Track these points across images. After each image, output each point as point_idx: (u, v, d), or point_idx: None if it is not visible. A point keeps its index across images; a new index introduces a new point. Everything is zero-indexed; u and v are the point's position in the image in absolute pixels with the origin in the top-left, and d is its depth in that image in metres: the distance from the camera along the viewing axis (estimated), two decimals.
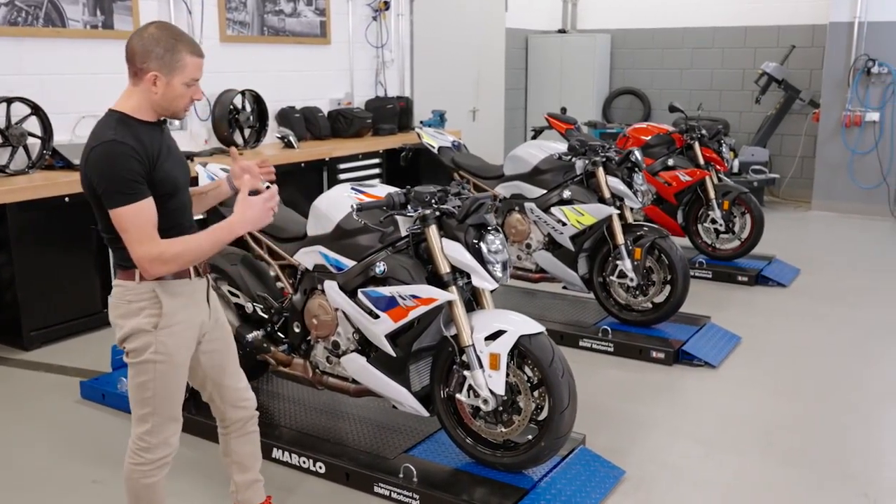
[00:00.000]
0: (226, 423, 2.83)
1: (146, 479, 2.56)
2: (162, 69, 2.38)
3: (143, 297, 2.45)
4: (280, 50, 7.24)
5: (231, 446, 2.86)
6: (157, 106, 2.44)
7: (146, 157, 2.37)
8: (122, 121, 2.39)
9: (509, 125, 10.60)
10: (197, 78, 2.46)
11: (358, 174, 7.27)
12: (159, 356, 2.46)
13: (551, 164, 5.09)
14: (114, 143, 2.31)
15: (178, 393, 2.56)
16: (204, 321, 2.61)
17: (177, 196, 2.51)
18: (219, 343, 2.70)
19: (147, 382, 2.48)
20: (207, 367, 2.69)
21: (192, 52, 2.43)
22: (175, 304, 2.48)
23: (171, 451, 2.59)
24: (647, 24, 10.61)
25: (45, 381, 4.47)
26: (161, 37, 2.39)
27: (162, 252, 2.35)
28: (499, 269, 3.20)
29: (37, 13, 5.38)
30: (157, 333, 2.45)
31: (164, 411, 2.53)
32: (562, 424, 3.09)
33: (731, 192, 6.48)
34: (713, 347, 4.79)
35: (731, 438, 3.78)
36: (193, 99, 2.50)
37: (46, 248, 4.96)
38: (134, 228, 2.32)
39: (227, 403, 2.78)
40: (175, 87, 2.42)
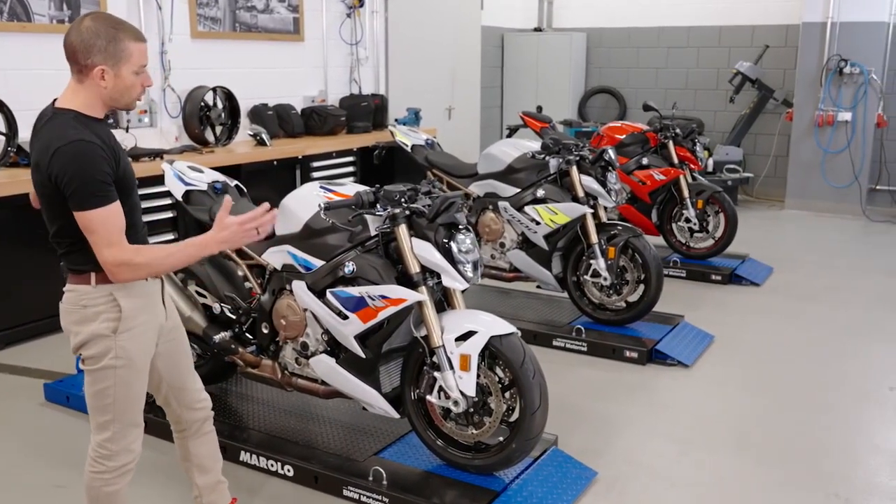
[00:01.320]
0: (181, 426, 2.76)
1: (108, 488, 2.49)
2: (108, 61, 2.30)
3: (99, 302, 2.36)
4: (252, 46, 7.15)
5: (189, 449, 2.79)
6: (108, 100, 2.36)
7: (112, 156, 2.31)
8: (78, 119, 2.31)
9: (485, 123, 10.56)
10: (144, 64, 2.38)
11: (332, 172, 7.21)
12: (119, 361, 2.38)
13: (525, 162, 5.06)
14: (84, 142, 2.24)
15: (139, 398, 2.49)
16: (161, 323, 2.55)
17: (133, 194, 2.46)
18: (174, 344, 2.64)
19: (107, 389, 2.40)
20: (163, 369, 2.62)
21: (135, 39, 2.34)
22: (134, 307, 2.40)
23: (134, 458, 2.52)
24: (623, 24, 10.62)
25: (8, 382, 4.37)
26: (100, 28, 2.30)
27: (131, 258, 2.28)
28: (469, 268, 3.16)
29: (1, 7, 5.26)
30: (116, 338, 2.37)
31: (125, 417, 2.45)
32: (533, 426, 3.05)
33: (705, 191, 6.49)
34: (686, 346, 4.78)
35: (705, 437, 3.77)
36: (144, 86, 2.42)
37: (11, 247, 4.85)
38: (104, 231, 2.26)
39: (182, 405, 2.72)
40: (124, 77, 2.34)
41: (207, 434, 2.81)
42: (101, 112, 2.39)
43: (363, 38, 8.36)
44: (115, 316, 2.37)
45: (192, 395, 2.72)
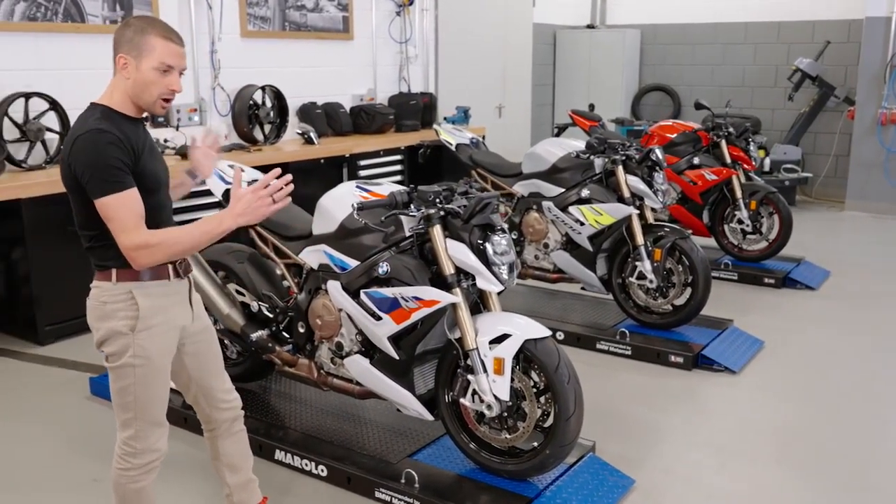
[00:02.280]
0: (211, 425, 2.77)
1: (134, 485, 2.51)
2: (131, 52, 2.32)
3: (118, 299, 2.38)
4: (302, 45, 7.20)
5: (219, 448, 2.80)
6: (132, 94, 2.36)
7: (129, 147, 2.31)
8: (105, 113, 2.34)
9: (536, 122, 10.47)
10: (169, 64, 2.35)
11: (379, 171, 7.22)
12: (138, 360, 2.39)
13: (570, 162, 4.98)
14: (98, 131, 2.26)
15: (159, 397, 2.49)
16: (186, 324, 2.54)
17: (157, 194, 2.45)
18: (202, 345, 2.63)
19: (128, 387, 2.42)
20: (192, 369, 2.63)
21: (162, 36, 2.34)
22: (152, 306, 2.40)
23: (159, 456, 2.53)
24: (678, 19, 10.42)
25: (56, 376, 4.47)
26: (135, 23, 2.35)
27: (147, 241, 2.28)
28: (505, 270, 3.10)
29: (56, 8, 5.38)
30: (134, 336, 2.37)
31: (146, 416, 2.46)
32: (567, 432, 2.99)
33: (758, 192, 6.31)
34: (734, 352, 4.65)
35: (748, 447, 3.65)
36: (171, 90, 2.38)
37: (61, 243, 4.95)
38: (120, 217, 2.27)
39: (211, 405, 2.72)
40: (144, 71, 2.33)
41: (237, 433, 2.81)
42: (134, 110, 2.40)
43: (413, 37, 8.35)
44: (132, 314, 2.37)
45: (220, 396, 2.72)
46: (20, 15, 5.20)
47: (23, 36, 5.24)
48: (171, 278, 2.46)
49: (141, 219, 2.30)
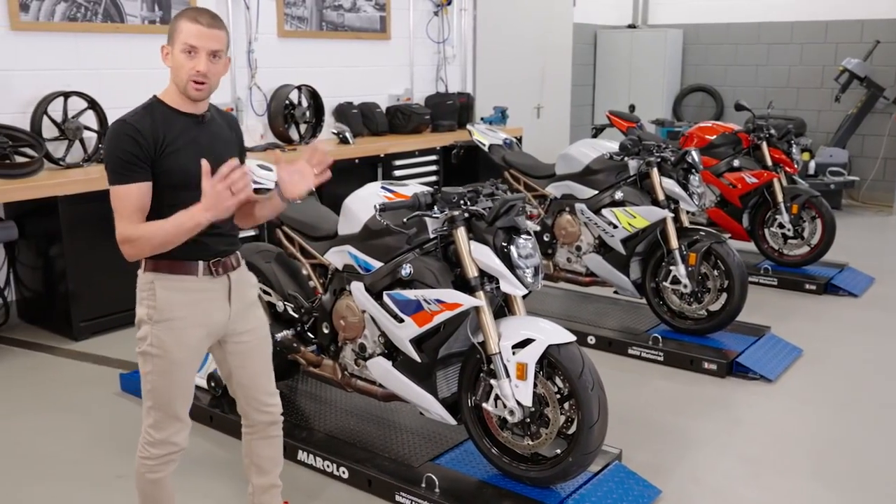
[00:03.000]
0: (249, 423, 2.78)
1: (151, 474, 2.54)
2: (168, 40, 2.39)
3: (144, 287, 2.45)
4: (339, 45, 7.21)
5: (252, 447, 2.81)
6: (175, 82, 2.39)
7: (152, 139, 2.32)
8: (149, 104, 2.41)
9: (575, 122, 10.36)
10: (192, 44, 2.33)
11: (414, 171, 7.20)
12: (154, 349, 2.43)
13: (603, 163, 4.90)
14: (121, 122, 2.34)
15: (178, 392, 2.49)
16: (221, 322, 2.53)
17: (192, 190, 2.34)
18: (246, 347, 2.63)
19: (147, 374, 2.47)
20: (233, 366, 2.65)
21: (190, 19, 2.35)
22: (171, 300, 2.42)
23: (176, 451, 2.54)
24: (722, 19, 10.22)
25: (88, 371, 4.53)
26: (179, 12, 2.42)
27: (130, 234, 2.32)
28: (529, 274, 3.05)
29: (95, 9, 5.46)
30: (153, 326, 2.42)
31: (163, 408, 2.48)
32: (591, 440, 2.93)
33: (800, 196, 6.15)
34: (771, 360, 4.53)
35: (781, 459, 3.55)
36: (197, 70, 2.33)
37: (97, 240, 5.01)
38: (117, 208, 2.33)
39: (251, 406, 2.73)
40: (176, 56, 2.36)
41: (272, 438, 2.81)
42: (182, 102, 2.40)
43: (450, 36, 8.32)
44: (152, 304, 2.42)
45: (262, 398, 2.72)
46: (61, 15, 5.28)
47: (63, 36, 5.32)
48: (201, 275, 2.46)
49: (136, 213, 2.32)
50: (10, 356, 4.77)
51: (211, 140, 2.47)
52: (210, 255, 2.47)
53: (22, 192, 4.68)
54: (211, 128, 2.49)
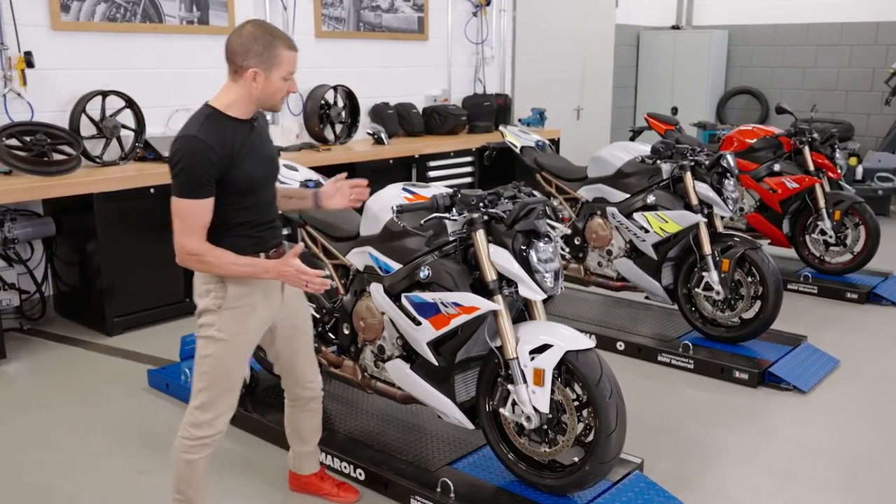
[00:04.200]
0: (292, 398, 3.07)
1: (188, 455, 2.69)
2: (261, 65, 2.52)
3: (211, 281, 2.62)
4: (376, 46, 7.23)
5: (294, 418, 3.11)
6: (257, 101, 2.58)
7: (223, 154, 2.49)
8: (211, 116, 2.53)
9: (616, 125, 10.24)
10: (293, 71, 2.60)
11: (448, 172, 7.18)
12: (220, 334, 2.63)
13: (636, 167, 4.82)
14: (195, 139, 2.46)
15: (232, 375, 2.69)
16: (275, 309, 2.76)
17: (254, 193, 2.64)
18: (293, 331, 2.90)
19: (205, 358, 2.65)
20: (280, 348, 2.91)
21: (287, 48, 2.56)
22: (239, 290, 2.62)
23: (216, 434, 2.70)
24: (768, 20, 10.02)
25: (119, 366, 4.59)
26: (259, 35, 2.53)
27: (203, 254, 2.51)
28: (549, 278, 3.00)
29: (135, 9, 5.54)
30: (220, 313, 2.62)
31: (215, 389, 2.66)
32: (608, 448, 2.87)
33: (843, 202, 5.98)
34: (805, 370, 4.41)
35: (811, 472, 3.44)
36: (289, 91, 2.63)
37: (132, 237, 5.10)
38: (184, 221, 2.50)
39: (295, 383, 3.02)
40: (274, 81, 2.55)
41: (313, 411, 3.11)
42: (246, 112, 2.59)
43: (489, 37, 8.29)
44: (221, 295, 2.62)
45: (303, 377, 3.01)
46: (101, 15, 5.38)
47: (102, 36, 5.42)
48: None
49: (202, 228, 2.52)
50: (45, 349, 4.86)
51: (261, 141, 2.69)
52: (268, 247, 2.71)
53: (59, 188, 4.77)
54: (258, 129, 2.68)
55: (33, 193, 4.72)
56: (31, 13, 5.06)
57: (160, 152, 5.42)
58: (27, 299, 5.25)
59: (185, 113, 5.85)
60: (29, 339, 5.02)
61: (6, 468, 3.47)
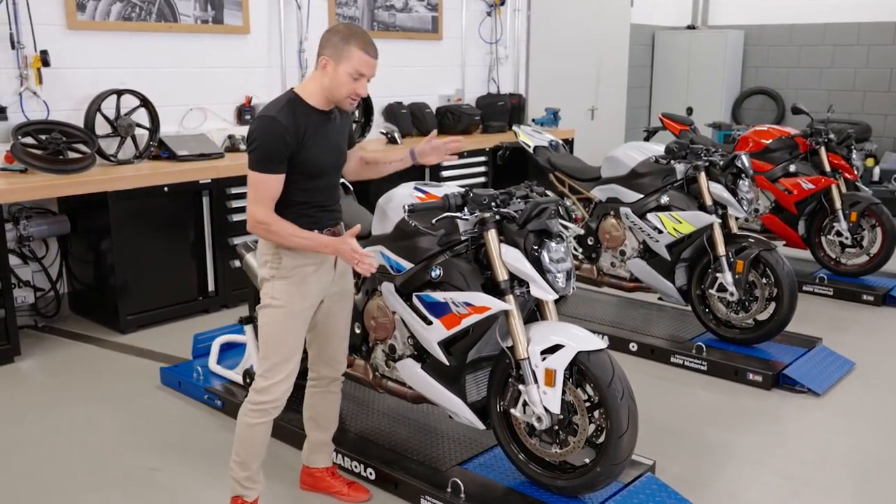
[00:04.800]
0: (315, 377, 3.13)
1: (248, 419, 2.85)
2: (332, 56, 2.67)
3: (268, 252, 2.80)
4: (390, 45, 7.22)
5: (313, 400, 3.17)
6: (326, 90, 2.70)
7: (295, 136, 2.65)
8: (291, 100, 2.71)
9: (630, 125, 10.21)
10: (362, 73, 2.68)
11: (461, 172, 7.17)
12: (275, 301, 2.79)
13: (649, 167, 4.80)
14: (273, 119, 2.64)
15: (288, 342, 2.81)
16: (326, 284, 2.90)
17: (321, 178, 2.80)
18: (334, 307, 3.01)
19: (264, 326, 2.82)
20: (319, 321, 2.99)
21: (361, 48, 2.67)
22: (293, 261, 2.77)
23: (274, 402, 2.83)
24: (785, 20, 9.95)
25: (132, 364, 4.61)
26: (342, 31, 2.70)
27: (269, 224, 2.68)
28: (561, 278, 2.99)
29: (150, 8, 5.57)
30: (273, 282, 2.79)
31: (273, 356, 2.81)
32: (619, 450, 2.85)
33: (859, 203, 5.93)
34: (820, 373, 4.37)
35: (824, 476, 3.41)
36: (357, 93, 2.71)
37: (146, 235, 5.12)
38: (255, 191, 2.68)
39: (322, 360, 3.09)
40: (340, 74, 2.66)
41: (333, 394, 3.16)
42: (322, 102, 2.73)
43: (503, 37, 8.27)
44: (276, 265, 2.78)
45: (333, 356, 3.09)
46: (116, 14, 5.40)
47: (118, 35, 5.44)
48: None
49: (272, 200, 2.69)
50: (59, 347, 4.89)
51: (335, 133, 2.83)
52: (321, 227, 2.84)
53: (74, 187, 4.79)
54: (335, 122, 2.82)
55: (48, 191, 4.75)
56: (47, 12, 5.09)
57: (174, 151, 5.45)
58: (42, 297, 5.28)
59: (200, 112, 5.90)
60: (43, 337, 5.05)
61: (19, 465, 3.50)
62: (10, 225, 4.89)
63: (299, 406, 3.24)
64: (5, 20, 4.89)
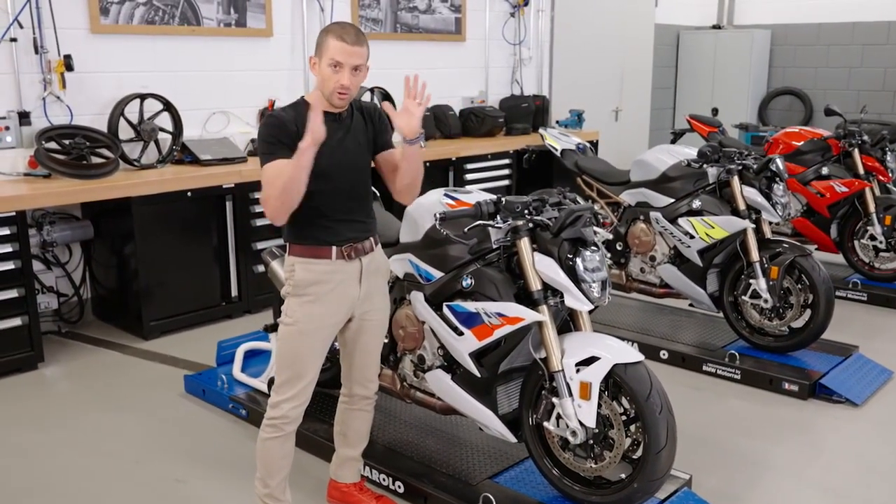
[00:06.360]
0: (347, 394, 3.05)
1: (262, 433, 2.81)
2: (316, 53, 2.66)
3: (288, 268, 2.78)
4: (412, 47, 7.16)
5: (345, 416, 3.08)
6: (321, 89, 2.66)
7: (296, 130, 2.56)
8: (296, 103, 2.72)
9: (655, 126, 10.08)
10: (338, 60, 2.58)
11: (486, 174, 7.08)
12: (289, 319, 2.75)
13: (680, 171, 4.70)
14: (271, 116, 2.68)
15: (298, 362, 2.75)
16: (353, 301, 2.80)
17: (322, 180, 2.65)
18: (364, 325, 2.90)
19: (279, 341, 2.81)
20: (349, 339, 2.93)
21: (336, 37, 2.60)
22: (307, 278, 2.72)
23: (284, 419, 2.76)
24: (812, 19, 9.78)
25: (155, 371, 4.57)
26: (326, 28, 2.67)
27: (262, 198, 2.64)
28: (596, 288, 2.90)
29: (173, 12, 5.53)
30: (289, 299, 2.76)
31: (284, 373, 2.76)
32: (658, 466, 2.77)
33: (895, 206, 5.79)
34: (858, 382, 4.25)
35: (865, 490, 3.30)
36: (341, 84, 2.60)
37: (169, 240, 5.08)
38: (263, 183, 2.62)
39: (354, 380, 3.01)
40: (323, 68, 2.63)
41: (365, 412, 3.08)
42: (324, 104, 2.64)
43: (527, 38, 8.19)
44: (293, 282, 2.75)
45: (363, 374, 3.00)
46: (139, 18, 5.37)
47: (141, 39, 5.41)
48: (334, 258, 2.74)
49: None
50: (82, 353, 4.86)
51: (344, 135, 2.73)
52: (342, 241, 2.74)
53: (98, 192, 4.76)
54: (346, 124, 2.74)
55: (72, 197, 4.72)
56: (70, 16, 5.06)
57: (197, 155, 5.41)
58: (65, 302, 5.26)
59: (223, 115, 5.86)
60: (66, 343, 5.02)
61: (41, 473, 3.45)
62: (34, 230, 4.87)
63: (326, 417, 3.18)
64: (28, 25, 4.87)
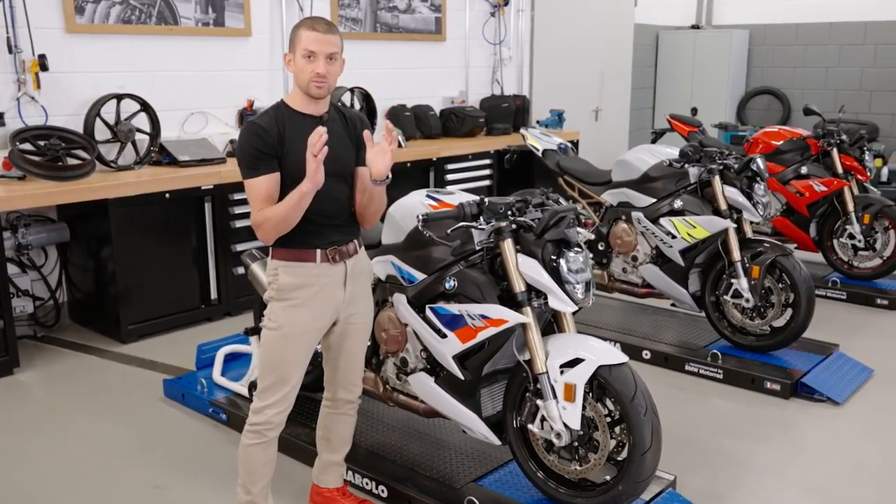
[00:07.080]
0: (331, 398, 3.01)
1: (244, 439, 2.78)
2: (290, 49, 2.65)
3: (271, 273, 2.75)
4: (393, 47, 7.13)
5: (328, 421, 3.04)
6: (298, 84, 2.63)
7: (276, 137, 2.58)
8: (275, 106, 2.69)
9: (635, 126, 10.11)
10: (312, 49, 2.58)
11: (467, 175, 7.07)
12: (272, 324, 2.72)
13: (662, 171, 4.70)
14: (250, 123, 2.63)
15: (280, 367, 2.71)
16: (338, 303, 2.77)
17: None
18: (349, 328, 2.87)
19: (262, 346, 2.78)
20: (333, 343, 2.90)
21: (307, 27, 2.60)
22: (291, 282, 2.68)
23: (266, 424, 2.73)
24: (790, 19, 9.86)
25: (134, 375, 4.50)
26: (297, 23, 2.66)
27: (256, 219, 2.61)
28: (580, 289, 2.88)
29: (150, 11, 5.46)
30: (272, 303, 2.73)
31: (267, 378, 2.73)
32: (643, 467, 2.75)
33: (873, 205, 5.83)
34: (839, 381, 4.27)
35: (848, 489, 3.31)
36: (317, 73, 2.58)
37: (147, 243, 5.02)
38: (250, 198, 2.62)
39: (338, 384, 2.97)
40: (298, 61, 2.61)
41: (348, 416, 3.05)
42: (304, 103, 2.65)
43: (507, 38, 8.18)
44: (276, 286, 2.72)
45: (347, 378, 2.97)
46: (115, 18, 5.30)
47: (117, 38, 5.34)
48: (319, 262, 2.70)
49: (264, 202, 2.59)
50: (59, 357, 4.79)
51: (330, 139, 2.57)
52: (326, 244, 2.71)
53: (74, 194, 4.68)
54: (328, 126, 2.59)
55: (47, 199, 4.64)
56: (45, 16, 4.98)
57: (175, 156, 5.34)
58: (41, 306, 5.18)
59: (201, 116, 5.80)
60: (42, 347, 4.94)
61: (19, 480, 3.39)
62: (9, 233, 4.79)
63: (308, 420, 3.14)
64: (2, 24, 4.78)
